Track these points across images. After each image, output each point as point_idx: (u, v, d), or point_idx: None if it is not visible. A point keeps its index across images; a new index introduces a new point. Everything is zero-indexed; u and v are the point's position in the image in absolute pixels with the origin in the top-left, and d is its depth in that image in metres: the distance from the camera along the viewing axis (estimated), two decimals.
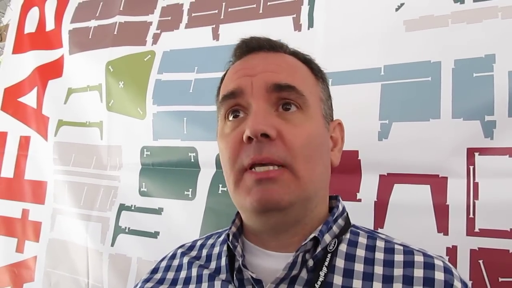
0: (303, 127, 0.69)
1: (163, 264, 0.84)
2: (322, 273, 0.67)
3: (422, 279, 0.66)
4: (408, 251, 0.70)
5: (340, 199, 0.80)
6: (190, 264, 0.80)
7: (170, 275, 0.81)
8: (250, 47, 0.77)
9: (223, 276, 0.73)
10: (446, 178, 1.05)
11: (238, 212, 0.79)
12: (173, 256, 0.85)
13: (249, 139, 0.66)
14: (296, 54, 0.80)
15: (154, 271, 0.84)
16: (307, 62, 0.79)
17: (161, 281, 0.81)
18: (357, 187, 1.13)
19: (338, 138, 0.81)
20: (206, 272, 0.76)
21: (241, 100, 0.71)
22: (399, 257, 0.69)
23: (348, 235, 0.74)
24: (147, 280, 0.82)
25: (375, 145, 1.12)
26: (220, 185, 1.34)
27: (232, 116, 0.72)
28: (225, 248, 0.75)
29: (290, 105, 0.70)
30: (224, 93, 0.74)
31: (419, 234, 1.03)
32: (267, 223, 0.70)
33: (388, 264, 0.69)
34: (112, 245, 1.53)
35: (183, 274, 0.79)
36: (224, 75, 0.80)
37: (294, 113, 0.70)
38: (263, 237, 0.74)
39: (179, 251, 0.85)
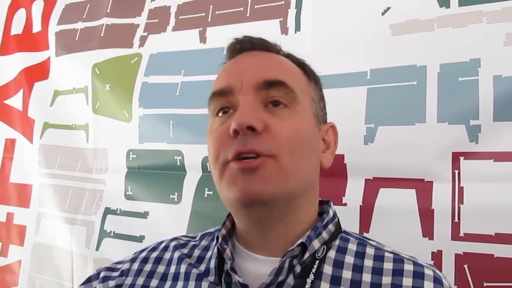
0: (291, 122, 0.69)
1: (154, 254, 0.82)
2: (309, 280, 0.66)
3: None
4: (398, 259, 0.69)
5: (332, 204, 0.79)
6: (180, 260, 0.78)
7: (161, 269, 0.79)
8: (243, 47, 0.77)
9: (211, 278, 0.72)
10: (432, 182, 1.05)
11: (229, 214, 0.78)
12: (165, 248, 0.83)
13: (235, 132, 0.65)
14: (288, 56, 0.79)
15: (145, 260, 0.82)
16: (300, 64, 0.79)
17: (151, 274, 0.79)
18: (342, 191, 1.13)
19: (330, 141, 0.80)
20: (195, 271, 0.75)
21: (231, 97, 0.70)
22: (388, 265, 0.68)
23: (337, 242, 0.72)
24: (138, 274, 0.80)
25: (360, 149, 1.12)
26: (206, 189, 1.33)
27: (221, 113, 0.72)
28: (215, 250, 0.74)
29: (279, 102, 0.69)
30: (214, 90, 0.73)
31: (405, 239, 1.03)
32: (251, 216, 0.69)
33: (377, 272, 0.68)
34: (97, 249, 1.52)
35: (172, 269, 0.78)
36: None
37: (283, 108, 0.69)
38: (249, 236, 0.73)
39: (173, 244, 0.83)
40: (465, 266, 0.98)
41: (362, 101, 1.14)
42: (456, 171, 1.03)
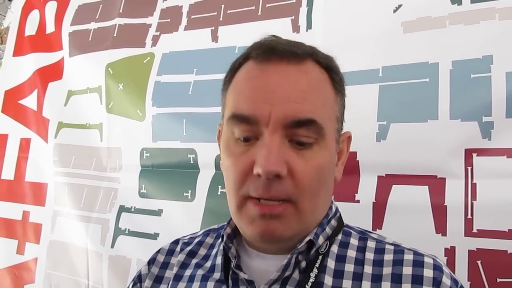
0: (315, 161, 0.66)
1: (161, 258, 0.84)
2: (312, 274, 0.67)
3: (410, 276, 0.66)
4: (399, 251, 0.70)
5: (333, 200, 0.79)
6: (185, 265, 0.80)
7: (169, 273, 0.81)
8: (269, 53, 0.69)
9: (217, 275, 0.74)
10: (444, 179, 1.05)
11: None
12: (170, 252, 0.84)
13: (259, 176, 0.64)
14: (318, 61, 0.71)
15: (151, 261, 0.84)
16: (329, 70, 0.72)
17: (159, 279, 0.81)
18: (355, 188, 1.14)
19: (344, 150, 0.78)
20: (200, 272, 0.76)
21: (255, 127, 0.66)
22: (389, 257, 0.70)
23: (340, 236, 0.74)
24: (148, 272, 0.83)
25: (373, 146, 1.12)
26: (220, 187, 1.34)
27: (242, 138, 0.68)
28: (221, 247, 0.76)
29: (305, 143, 0.66)
30: (236, 112, 0.68)
31: (417, 235, 1.03)
32: (264, 246, 0.72)
33: (378, 263, 0.69)
34: (112, 246, 1.54)
35: (180, 272, 0.79)
36: (238, 64, 0.74)
37: (308, 148, 0.66)
38: (257, 244, 0.74)
39: (178, 248, 0.84)
40: (479, 262, 0.99)
41: (374, 99, 1.14)
42: (469, 168, 1.03)
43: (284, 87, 0.66)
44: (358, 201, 1.13)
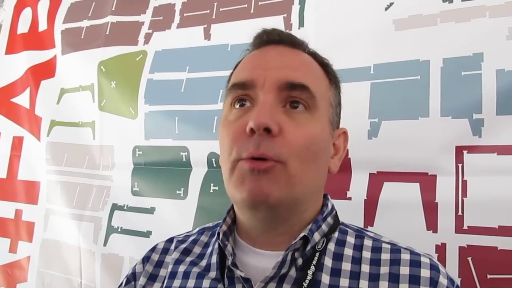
0: (307, 128, 0.69)
1: (155, 257, 0.84)
2: (310, 272, 0.67)
3: (408, 276, 0.66)
4: (395, 250, 0.71)
5: (329, 197, 0.80)
6: (179, 261, 0.80)
7: (163, 272, 0.81)
8: (270, 39, 0.76)
9: (212, 274, 0.74)
10: (435, 176, 1.05)
11: (229, 210, 0.79)
12: (165, 251, 0.84)
13: (252, 131, 0.65)
14: (314, 55, 0.79)
15: (146, 259, 0.84)
16: (324, 65, 0.79)
17: (153, 277, 0.81)
18: (347, 185, 1.14)
19: (340, 146, 0.80)
20: (195, 270, 0.76)
21: (251, 91, 0.70)
22: (386, 256, 0.70)
23: (336, 234, 0.74)
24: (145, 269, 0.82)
25: (364, 143, 1.12)
26: (212, 184, 1.34)
27: (238, 105, 0.71)
28: (216, 246, 0.75)
29: (298, 104, 0.69)
30: (234, 81, 0.73)
31: (409, 232, 1.03)
32: (256, 216, 0.70)
33: (375, 262, 0.69)
34: (105, 244, 1.53)
35: (170, 268, 0.79)
36: (239, 62, 0.79)
37: (301, 112, 0.69)
38: (252, 233, 0.74)
39: (173, 246, 0.84)
40: (469, 258, 0.99)
41: (366, 96, 1.15)
42: (460, 165, 1.03)
43: (279, 58, 0.73)
44: (349, 198, 1.13)
